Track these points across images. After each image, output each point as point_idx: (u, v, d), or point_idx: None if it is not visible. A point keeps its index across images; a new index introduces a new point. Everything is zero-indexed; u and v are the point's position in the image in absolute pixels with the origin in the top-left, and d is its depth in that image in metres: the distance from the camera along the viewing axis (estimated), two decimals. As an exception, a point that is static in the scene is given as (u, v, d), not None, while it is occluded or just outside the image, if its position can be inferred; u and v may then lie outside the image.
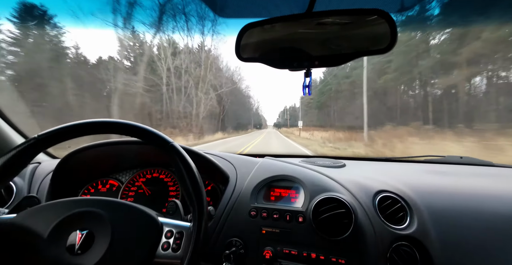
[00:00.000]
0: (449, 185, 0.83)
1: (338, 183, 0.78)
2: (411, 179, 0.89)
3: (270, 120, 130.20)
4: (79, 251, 0.49)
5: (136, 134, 0.59)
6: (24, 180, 0.96)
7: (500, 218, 0.67)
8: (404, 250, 0.66)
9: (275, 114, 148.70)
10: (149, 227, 0.54)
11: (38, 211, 0.55)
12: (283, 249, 0.70)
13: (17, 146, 0.54)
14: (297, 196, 0.77)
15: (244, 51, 0.64)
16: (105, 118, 0.59)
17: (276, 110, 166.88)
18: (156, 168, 1.02)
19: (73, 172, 0.93)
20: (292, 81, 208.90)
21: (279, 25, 0.61)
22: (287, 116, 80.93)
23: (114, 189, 0.99)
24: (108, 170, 1.02)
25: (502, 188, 0.79)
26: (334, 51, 0.62)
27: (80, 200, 0.57)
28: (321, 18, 0.58)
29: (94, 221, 0.53)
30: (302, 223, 0.70)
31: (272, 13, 0.63)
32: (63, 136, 0.57)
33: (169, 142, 0.59)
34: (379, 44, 0.56)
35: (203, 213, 0.54)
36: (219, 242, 0.74)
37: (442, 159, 1.17)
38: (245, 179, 0.85)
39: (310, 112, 44.12)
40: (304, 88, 0.64)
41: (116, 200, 0.59)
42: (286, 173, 0.82)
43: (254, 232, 0.73)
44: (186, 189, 0.56)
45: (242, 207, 0.77)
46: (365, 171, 0.99)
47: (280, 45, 0.66)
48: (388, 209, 0.73)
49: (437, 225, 0.69)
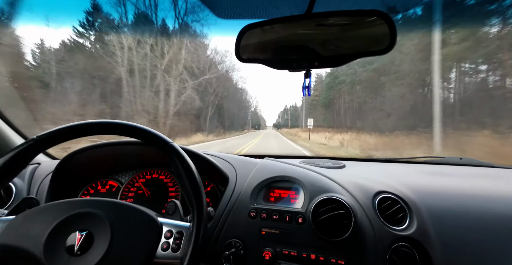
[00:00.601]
0: (449, 186, 0.83)
1: (337, 183, 0.78)
2: (411, 179, 0.89)
3: (270, 121, 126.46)
4: (79, 252, 0.49)
5: (135, 135, 0.59)
6: (24, 181, 0.95)
7: (499, 219, 0.67)
8: (403, 251, 0.66)
9: (275, 115, 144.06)
10: (149, 227, 0.54)
11: (37, 212, 0.55)
12: (283, 250, 0.70)
13: (16, 146, 0.54)
14: (297, 197, 0.77)
15: (244, 52, 0.64)
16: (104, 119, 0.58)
17: (276, 111, 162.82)
18: (155, 169, 1.02)
19: (73, 172, 0.93)
20: (292, 80, 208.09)
21: (279, 26, 0.62)
22: (288, 116, 77.33)
23: (113, 189, 0.99)
24: (107, 171, 1.02)
25: (502, 189, 0.79)
26: (333, 52, 0.62)
27: (80, 201, 0.57)
28: (321, 19, 0.58)
29: (94, 222, 0.53)
30: (301, 224, 0.70)
31: (271, 14, 0.63)
32: (62, 137, 0.58)
33: (168, 142, 0.59)
34: (378, 45, 0.57)
35: (203, 213, 0.54)
36: (218, 243, 0.74)
37: (442, 160, 1.17)
38: (245, 180, 0.84)
39: (316, 111, 38.70)
40: (304, 89, 0.64)
41: (116, 201, 0.59)
42: (285, 173, 0.82)
43: (254, 233, 0.73)
44: (186, 190, 0.56)
45: (241, 207, 0.77)
46: (365, 172, 0.99)
47: (280, 46, 0.66)
48: (388, 210, 0.73)
49: (437, 226, 0.68)
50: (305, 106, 43.30)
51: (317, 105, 38.18)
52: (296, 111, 74.65)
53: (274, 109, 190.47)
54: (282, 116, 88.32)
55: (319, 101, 36.63)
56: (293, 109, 78.96)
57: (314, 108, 40.49)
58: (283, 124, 76.78)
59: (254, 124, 71.46)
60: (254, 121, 74.31)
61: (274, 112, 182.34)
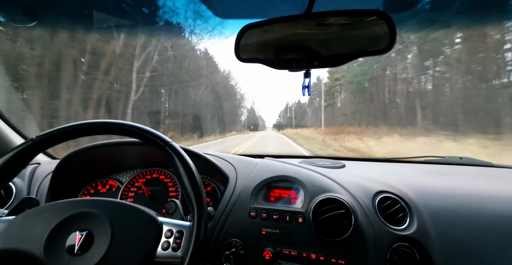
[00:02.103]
0: (449, 185, 0.83)
1: (337, 183, 0.78)
2: (411, 179, 0.89)
3: (270, 121, 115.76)
4: (79, 251, 0.49)
5: (134, 134, 0.59)
6: (24, 181, 0.95)
7: (499, 219, 0.67)
8: (404, 251, 0.66)
9: (275, 115, 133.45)
10: (149, 226, 0.54)
11: (37, 213, 0.55)
12: (283, 250, 0.70)
13: (15, 147, 0.54)
14: (297, 197, 0.77)
15: (244, 52, 0.64)
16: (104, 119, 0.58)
17: (276, 110, 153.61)
18: (156, 169, 1.02)
19: (73, 172, 0.94)
20: (292, 75, 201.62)
21: (278, 26, 0.62)
22: (292, 114, 64.61)
23: (114, 189, 0.99)
24: (107, 171, 1.02)
25: (502, 189, 0.79)
26: (333, 51, 0.62)
27: (80, 201, 0.57)
28: (320, 19, 0.58)
29: (94, 222, 0.53)
30: (301, 224, 0.70)
31: (271, 14, 0.63)
32: (61, 137, 0.58)
33: (168, 142, 0.59)
34: (378, 44, 0.57)
35: (203, 212, 0.54)
36: (219, 242, 0.74)
37: (442, 160, 1.17)
38: (245, 180, 0.85)
39: (337, 101, 25.75)
40: (304, 89, 0.64)
41: (116, 200, 0.59)
42: (285, 173, 0.82)
43: (254, 232, 0.73)
44: (186, 189, 0.56)
45: (242, 207, 0.77)
46: (365, 172, 0.99)
47: (279, 46, 0.66)
48: (388, 209, 0.73)
49: (437, 226, 0.68)
50: (323, 94, 27.29)
51: (339, 92, 24.91)
52: (301, 108, 63.81)
53: (274, 109, 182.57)
54: (284, 115, 76.11)
55: (344, 86, 22.71)
56: (298, 106, 67.66)
57: (333, 97, 27.32)
58: (285, 124, 65.18)
59: (249, 125, 63.21)
60: (250, 121, 65.24)
61: (274, 113, 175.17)
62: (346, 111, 21.38)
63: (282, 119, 76.60)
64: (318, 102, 33.20)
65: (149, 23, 11.04)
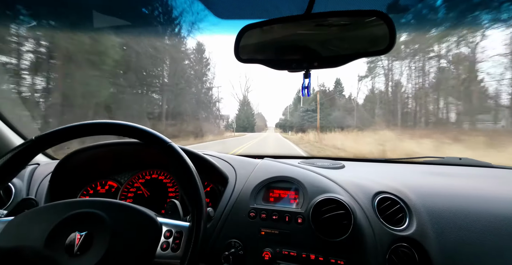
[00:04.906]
0: (448, 186, 0.83)
1: (337, 184, 0.78)
2: (410, 180, 0.89)
3: (271, 121, 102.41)
4: (78, 252, 0.49)
5: (134, 135, 0.59)
6: (23, 181, 0.95)
7: (498, 219, 0.67)
8: (403, 251, 0.66)
9: (277, 114, 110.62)
10: (148, 227, 0.54)
11: (36, 213, 0.55)
12: (282, 250, 0.70)
13: (14, 147, 0.54)
14: (296, 197, 0.77)
15: (243, 52, 0.64)
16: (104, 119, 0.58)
17: (278, 110, 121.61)
18: (155, 169, 1.02)
19: (72, 173, 0.93)
20: (292, 78, 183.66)
21: (278, 26, 0.62)
22: (315, 105, 27.36)
23: (113, 190, 0.99)
24: (107, 171, 1.02)
25: (501, 189, 0.79)
26: (333, 52, 0.62)
27: (79, 201, 0.57)
28: (320, 19, 0.58)
29: (93, 222, 0.53)
30: (301, 224, 0.70)
31: (271, 14, 0.63)
32: (61, 137, 0.58)
33: (167, 142, 0.59)
34: (378, 45, 0.57)
35: (202, 213, 0.54)
36: (218, 243, 0.74)
37: (441, 160, 1.18)
38: (244, 180, 0.84)
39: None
40: (303, 89, 0.64)
41: (115, 201, 0.59)
42: (285, 174, 0.82)
43: (253, 233, 0.73)
44: (185, 190, 0.56)
45: (241, 208, 0.77)
46: (364, 172, 0.99)
47: (279, 46, 0.66)
48: (387, 210, 0.73)
49: (436, 226, 0.69)
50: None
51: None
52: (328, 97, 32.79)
53: (274, 109, 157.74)
54: (292, 113, 47.33)
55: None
56: (322, 93, 39.50)
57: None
58: (294, 123, 36.60)
59: (243, 125, 47.16)
60: (242, 121, 47.98)
61: (274, 113, 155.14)
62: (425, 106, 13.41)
63: (288, 117, 49.67)
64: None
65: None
